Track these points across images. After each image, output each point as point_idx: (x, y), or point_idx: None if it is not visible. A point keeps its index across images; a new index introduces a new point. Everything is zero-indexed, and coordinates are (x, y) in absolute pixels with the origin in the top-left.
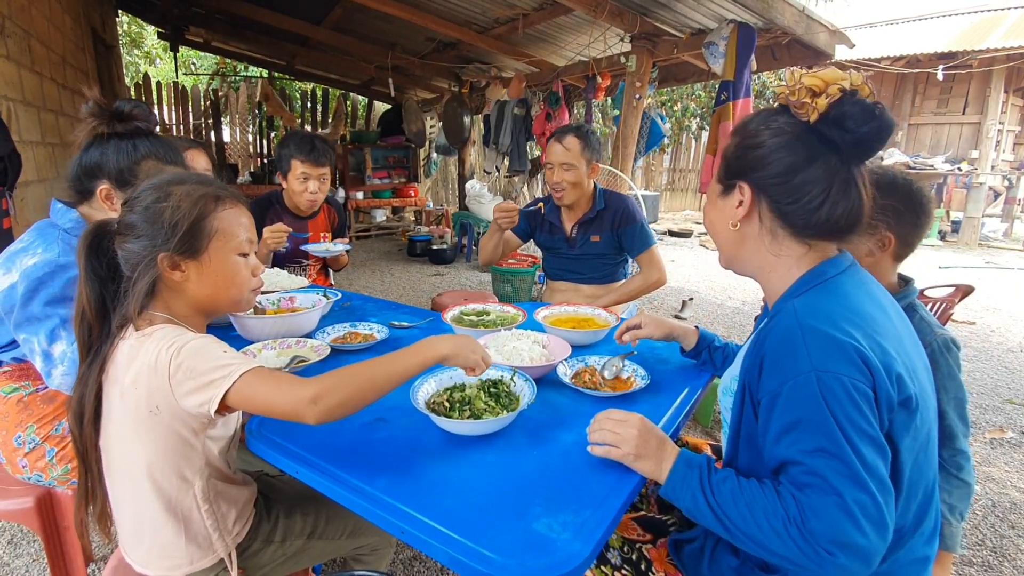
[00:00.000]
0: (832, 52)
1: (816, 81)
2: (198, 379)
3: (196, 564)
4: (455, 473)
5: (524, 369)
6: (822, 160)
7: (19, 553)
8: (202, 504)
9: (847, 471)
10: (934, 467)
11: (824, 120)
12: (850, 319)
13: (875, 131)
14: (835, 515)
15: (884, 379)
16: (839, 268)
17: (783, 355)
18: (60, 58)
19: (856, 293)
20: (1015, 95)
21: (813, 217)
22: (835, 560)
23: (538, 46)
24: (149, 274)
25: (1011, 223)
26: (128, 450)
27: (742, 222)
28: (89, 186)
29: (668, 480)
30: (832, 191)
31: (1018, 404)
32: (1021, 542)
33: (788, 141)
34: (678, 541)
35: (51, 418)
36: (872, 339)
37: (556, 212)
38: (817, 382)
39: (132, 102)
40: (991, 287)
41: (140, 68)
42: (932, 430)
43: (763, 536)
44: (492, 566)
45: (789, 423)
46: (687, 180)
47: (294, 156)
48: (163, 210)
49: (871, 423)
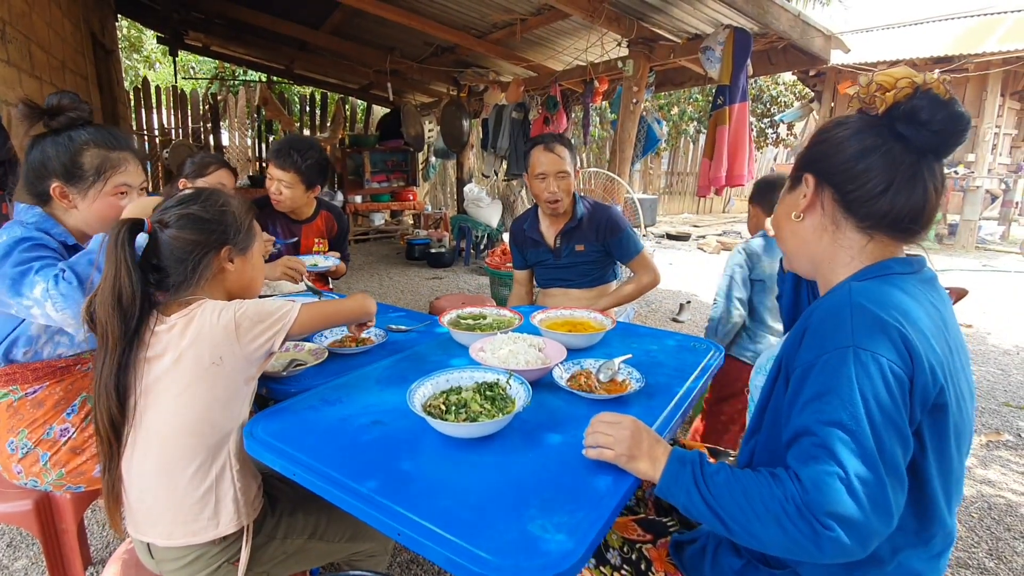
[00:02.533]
0: (828, 57)
1: (887, 78)
2: (266, 320)
3: (222, 528)
4: (451, 475)
5: (520, 372)
6: (886, 148)
7: (18, 556)
8: (234, 464)
9: (858, 449)
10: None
11: (894, 114)
12: (904, 310)
13: (948, 124)
14: (835, 487)
15: (925, 371)
16: (908, 268)
17: (827, 328)
18: (60, 63)
19: (920, 295)
20: (1012, 99)
21: (875, 205)
22: (831, 534)
23: (536, 51)
24: (206, 261)
25: (1008, 226)
26: (172, 413)
27: (805, 212)
28: (42, 188)
29: (662, 478)
30: (896, 180)
31: (1014, 407)
32: (1017, 544)
33: (855, 133)
34: (679, 543)
35: (42, 422)
36: (920, 332)
37: (535, 227)
38: (854, 358)
39: (60, 94)
40: (988, 290)
41: (139, 72)
42: (966, 437)
43: (760, 524)
44: (487, 567)
45: (816, 393)
46: (685, 184)
47: (270, 155)
48: (227, 211)
49: (899, 409)
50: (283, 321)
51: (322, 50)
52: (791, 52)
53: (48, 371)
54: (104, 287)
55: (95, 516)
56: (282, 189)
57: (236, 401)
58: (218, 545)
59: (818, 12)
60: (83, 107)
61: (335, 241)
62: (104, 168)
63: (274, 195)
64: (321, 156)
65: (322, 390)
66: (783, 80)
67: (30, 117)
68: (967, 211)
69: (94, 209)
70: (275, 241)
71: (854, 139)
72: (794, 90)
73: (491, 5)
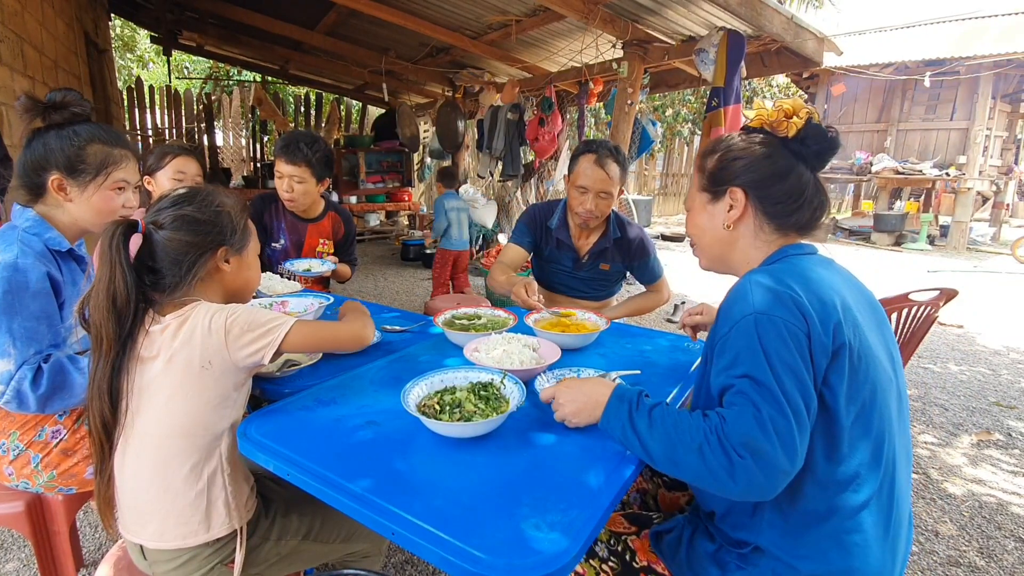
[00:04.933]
0: (820, 59)
1: (789, 106)
2: (256, 331)
3: (213, 531)
4: (445, 474)
5: (514, 372)
6: (798, 170)
7: (9, 558)
8: (226, 467)
9: (768, 394)
10: (888, 427)
11: (796, 137)
12: (795, 278)
13: (828, 147)
14: (749, 423)
15: (818, 327)
16: (801, 251)
17: (733, 305)
18: (53, 63)
19: (812, 266)
20: (1002, 101)
21: (794, 216)
22: (744, 463)
23: (531, 52)
24: (202, 261)
25: (999, 227)
26: (164, 414)
27: (736, 223)
28: (39, 180)
29: (603, 414)
30: (807, 193)
31: (1004, 406)
32: (1007, 543)
33: (771, 151)
34: (658, 533)
35: (33, 424)
36: (812, 293)
37: (565, 230)
38: (755, 322)
39: (63, 91)
40: (979, 291)
41: (133, 72)
42: (883, 389)
43: (683, 451)
44: (480, 565)
45: (730, 359)
46: (679, 185)
47: (276, 153)
48: (222, 211)
49: (795, 359)
50: (273, 335)
51: (317, 50)
52: (784, 54)
53: None
54: (98, 289)
55: (87, 518)
56: (294, 186)
57: (227, 405)
58: (211, 547)
59: (811, 15)
60: (85, 104)
61: (341, 244)
62: (106, 163)
63: (286, 194)
64: (327, 148)
65: (316, 390)
66: (777, 82)
67: (31, 111)
68: (958, 213)
69: (92, 203)
70: (279, 239)
71: (770, 158)
72: (787, 92)
73: (486, 6)
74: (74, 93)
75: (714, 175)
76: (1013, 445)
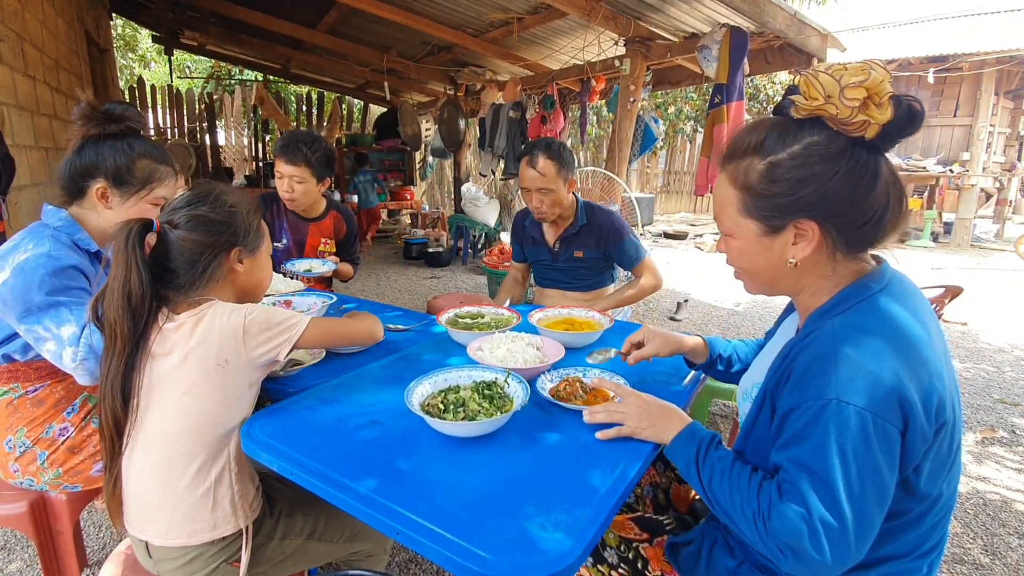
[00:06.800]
0: (824, 56)
1: (859, 92)
2: (274, 328)
3: (218, 530)
4: (449, 474)
5: (517, 371)
6: (881, 171)
7: (12, 559)
8: (233, 466)
9: (828, 497)
10: (956, 479)
11: (883, 134)
12: (892, 344)
13: (914, 129)
14: (797, 524)
15: (920, 418)
16: (881, 283)
17: (811, 375)
18: (54, 62)
19: (899, 312)
20: (1005, 97)
21: (879, 231)
22: (788, 562)
23: (533, 50)
24: (216, 262)
25: (1002, 224)
26: (175, 411)
27: (803, 258)
28: (83, 185)
29: (671, 445)
30: (891, 200)
31: (1009, 403)
32: (1012, 540)
33: (847, 162)
34: (675, 544)
35: (41, 421)
36: (913, 370)
37: (537, 226)
38: (835, 411)
39: (123, 104)
40: (983, 288)
41: (134, 71)
42: (960, 443)
43: (736, 517)
44: (485, 565)
45: (795, 436)
46: (682, 182)
47: (276, 153)
48: (236, 212)
49: (878, 462)
50: (291, 332)
51: (318, 49)
52: (787, 51)
53: (50, 370)
54: (113, 287)
55: (91, 518)
56: (294, 186)
57: (239, 404)
58: (216, 545)
59: (814, 11)
60: (141, 120)
61: (343, 243)
62: (151, 179)
63: (286, 194)
64: (327, 148)
65: (319, 390)
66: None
67: (89, 118)
68: (962, 209)
69: (130, 214)
70: (281, 238)
71: (851, 175)
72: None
73: (488, 4)
74: (133, 109)
75: (770, 202)
76: (1017, 442)
